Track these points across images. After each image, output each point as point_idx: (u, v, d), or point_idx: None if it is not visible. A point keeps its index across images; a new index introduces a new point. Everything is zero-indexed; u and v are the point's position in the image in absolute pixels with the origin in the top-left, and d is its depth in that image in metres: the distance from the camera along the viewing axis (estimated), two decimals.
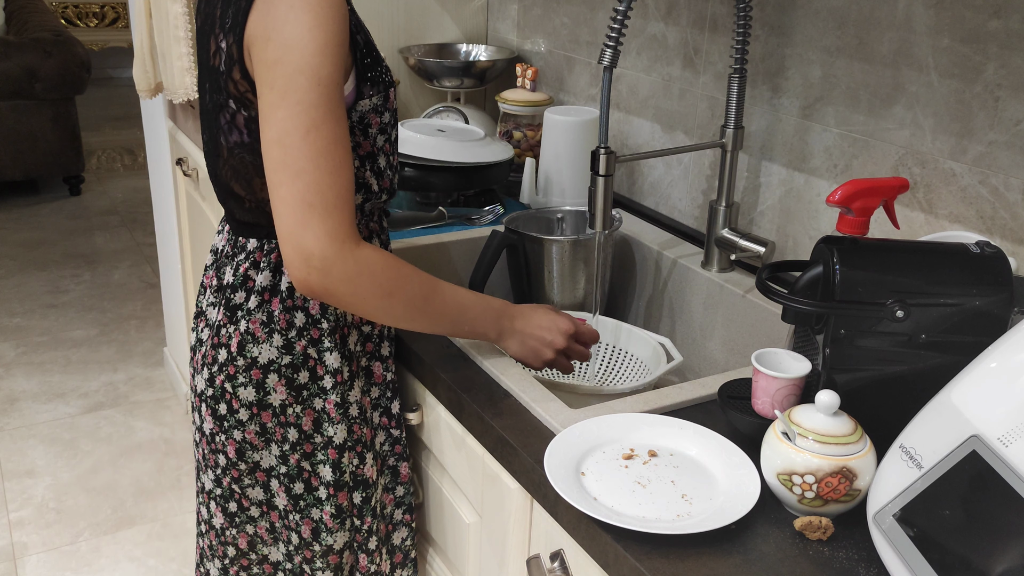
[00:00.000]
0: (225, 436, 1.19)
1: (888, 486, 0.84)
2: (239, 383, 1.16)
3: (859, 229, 1.13)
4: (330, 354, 1.16)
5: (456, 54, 2.11)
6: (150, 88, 2.33)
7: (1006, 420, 0.75)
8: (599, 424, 1.05)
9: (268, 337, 1.15)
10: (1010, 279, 0.95)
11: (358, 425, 1.20)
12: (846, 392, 0.95)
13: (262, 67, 1.02)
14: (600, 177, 1.27)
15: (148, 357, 3.20)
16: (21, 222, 4.34)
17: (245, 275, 1.16)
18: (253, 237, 1.16)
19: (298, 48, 0.99)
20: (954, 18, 1.16)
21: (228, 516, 1.25)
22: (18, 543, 2.31)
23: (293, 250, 1.01)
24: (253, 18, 1.02)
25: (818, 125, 1.37)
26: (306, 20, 0.99)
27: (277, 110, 1.00)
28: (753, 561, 0.86)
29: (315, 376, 1.16)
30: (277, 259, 1.15)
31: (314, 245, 1.00)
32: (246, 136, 1.10)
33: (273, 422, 1.17)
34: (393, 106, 1.17)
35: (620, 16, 1.18)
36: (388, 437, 1.26)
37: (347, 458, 1.20)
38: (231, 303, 1.17)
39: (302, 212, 1.00)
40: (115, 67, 6.92)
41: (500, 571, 1.14)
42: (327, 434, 1.18)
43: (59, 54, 4.28)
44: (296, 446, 1.18)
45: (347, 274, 1.02)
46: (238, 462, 1.20)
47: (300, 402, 1.17)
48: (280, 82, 1.00)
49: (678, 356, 1.33)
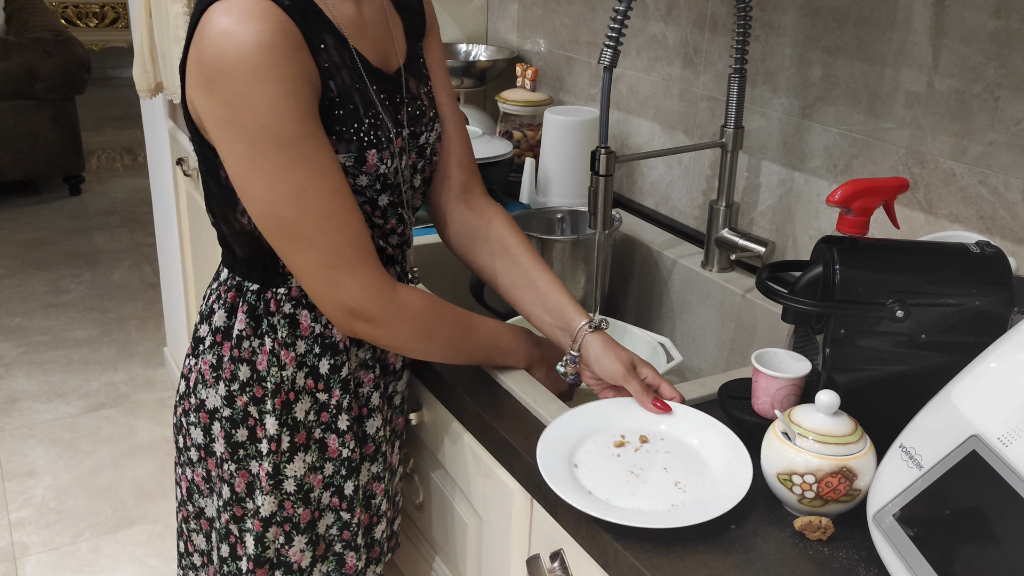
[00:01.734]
0: (181, 470, 1.15)
1: (888, 486, 0.84)
2: (191, 421, 1.10)
3: (859, 229, 1.13)
4: (269, 417, 1.05)
5: (456, 54, 2.11)
6: (150, 88, 2.33)
7: (1006, 420, 0.75)
8: (588, 411, 1.05)
9: (215, 383, 1.07)
10: (1010, 279, 0.95)
11: (291, 503, 1.08)
12: (846, 392, 0.95)
13: (212, 124, 0.92)
14: (600, 177, 1.27)
15: (149, 357, 3.21)
16: (21, 222, 4.34)
17: (211, 307, 1.09)
18: (224, 266, 1.09)
19: (245, 108, 0.88)
20: (954, 17, 1.16)
21: (179, 554, 1.20)
22: (18, 543, 2.31)
23: (333, 308, 0.99)
24: (191, 54, 0.92)
25: (818, 125, 1.37)
26: (244, 75, 0.87)
27: (253, 182, 0.92)
28: (753, 561, 0.86)
29: (254, 437, 1.06)
30: (233, 299, 1.06)
31: (352, 300, 0.98)
32: (202, 166, 1.03)
33: (216, 471, 1.09)
34: (374, 169, 1.01)
35: (620, 16, 1.18)
36: (336, 520, 1.12)
37: (272, 533, 1.09)
38: (196, 333, 1.10)
39: (328, 276, 0.97)
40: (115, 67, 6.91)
41: (500, 571, 1.14)
42: (256, 503, 1.07)
43: (59, 54, 4.28)
44: (228, 505, 1.09)
45: (388, 319, 1.01)
46: (187, 502, 1.15)
47: (235, 461, 1.07)
48: (242, 148, 0.90)
49: (678, 356, 1.32)
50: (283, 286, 1.05)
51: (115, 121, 5.99)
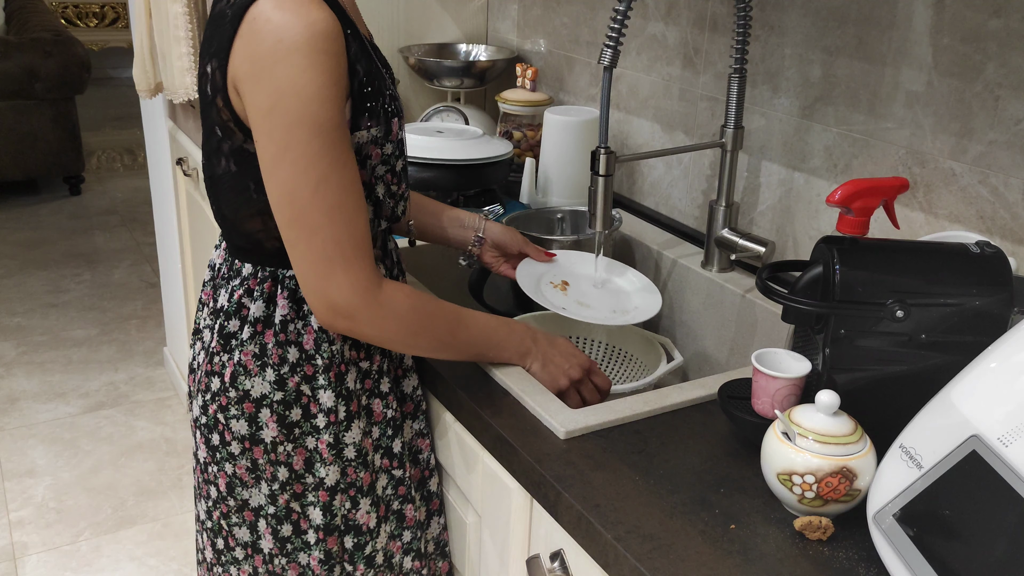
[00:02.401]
0: (217, 468, 1.15)
1: (888, 486, 0.84)
2: (231, 415, 1.12)
3: (859, 229, 1.13)
4: (324, 392, 1.10)
5: (456, 54, 2.11)
6: (150, 88, 2.33)
7: (1006, 420, 0.75)
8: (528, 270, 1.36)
9: (261, 371, 1.10)
10: (1010, 279, 0.95)
11: (353, 468, 1.14)
12: (846, 392, 0.95)
13: (256, 112, 0.96)
14: (600, 177, 1.27)
15: (149, 357, 3.21)
16: (21, 222, 4.35)
17: (239, 303, 1.11)
18: (248, 262, 1.11)
19: (292, 94, 0.93)
20: (954, 17, 1.16)
21: (216, 552, 1.20)
22: (18, 543, 2.31)
23: (318, 301, 1.02)
24: (237, 48, 0.96)
25: (818, 125, 1.37)
26: (297, 61, 0.92)
27: (281, 165, 0.97)
28: (753, 561, 0.86)
29: (308, 414, 1.11)
30: (271, 289, 1.10)
31: (338, 296, 1.01)
32: (232, 165, 1.06)
33: (264, 459, 1.12)
34: (398, 136, 1.10)
35: (620, 16, 1.18)
36: (390, 480, 1.19)
37: (339, 500, 1.14)
38: (224, 330, 1.12)
39: (323, 267, 1.00)
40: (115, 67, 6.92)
41: (500, 571, 1.14)
42: (319, 475, 1.12)
43: (59, 54, 4.28)
44: (286, 485, 1.12)
45: (372, 319, 1.04)
46: (227, 497, 1.16)
47: (291, 440, 1.11)
48: (278, 134, 0.95)
49: (678, 356, 1.33)
50: None
51: (115, 121, 5.99)
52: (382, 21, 2.05)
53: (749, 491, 0.96)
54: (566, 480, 0.97)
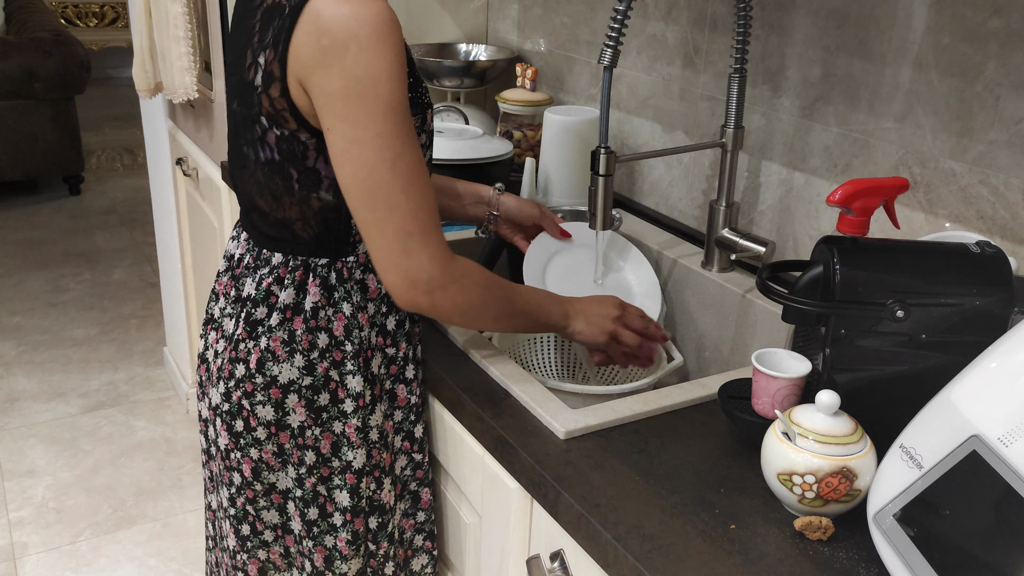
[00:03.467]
0: (241, 454, 1.16)
1: (888, 486, 0.84)
2: (257, 401, 1.14)
3: (859, 229, 1.13)
4: (352, 377, 1.14)
5: (456, 54, 2.11)
6: (150, 88, 2.33)
7: (1006, 420, 0.75)
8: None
9: (289, 357, 1.12)
10: (1010, 279, 0.95)
11: (377, 450, 1.17)
12: (846, 392, 0.95)
13: (327, 98, 1.00)
14: (600, 177, 1.27)
15: (148, 356, 3.21)
16: (21, 222, 4.35)
17: (268, 290, 1.13)
18: (278, 251, 1.13)
19: (368, 78, 0.98)
20: (954, 17, 1.16)
21: (240, 539, 1.22)
22: (18, 543, 2.31)
23: (400, 278, 1.04)
24: (299, 40, 0.99)
25: (818, 125, 1.37)
26: (373, 49, 0.97)
27: (357, 145, 1.00)
28: (753, 561, 0.86)
29: (336, 399, 1.14)
30: (302, 277, 1.12)
31: (420, 271, 1.04)
32: (276, 155, 1.08)
33: (291, 443, 1.15)
34: (430, 127, 1.15)
35: (620, 16, 1.18)
36: (410, 462, 1.23)
37: (365, 483, 1.17)
38: (251, 318, 1.14)
39: (403, 242, 1.03)
40: (115, 67, 6.92)
41: (500, 571, 1.14)
42: (346, 458, 1.15)
43: (59, 54, 4.28)
44: (313, 469, 1.15)
45: (452, 291, 1.07)
46: (253, 482, 1.17)
47: (319, 424, 1.14)
48: (353, 115, 0.99)
49: (678, 356, 1.33)
50: (352, 255, 1.14)
51: (115, 121, 5.99)
52: None
53: (749, 491, 0.96)
54: (566, 480, 0.97)
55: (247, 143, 1.10)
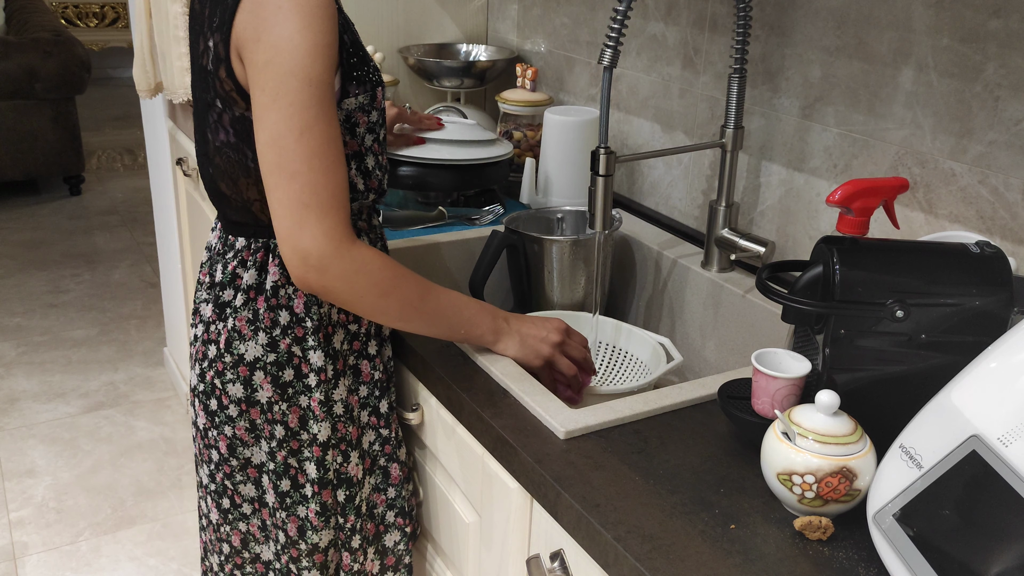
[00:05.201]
0: (216, 432, 1.20)
1: (888, 486, 0.84)
2: (227, 379, 1.17)
3: (859, 229, 1.13)
4: (314, 352, 1.16)
5: (456, 54, 2.11)
6: (150, 88, 2.33)
7: (1006, 420, 0.75)
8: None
9: (254, 335, 1.16)
10: (1010, 279, 0.95)
11: (342, 423, 1.20)
12: (846, 392, 0.95)
13: (253, 69, 1.02)
14: (600, 177, 1.27)
15: (148, 357, 3.21)
16: (21, 222, 4.35)
17: (233, 273, 1.17)
18: (241, 236, 1.17)
19: (288, 50, 1.00)
20: (954, 17, 1.16)
21: (222, 512, 1.26)
22: (18, 543, 2.31)
23: (291, 250, 1.04)
24: (240, 18, 1.03)
25: (818, 125, 1.37)
26: (295, 21, 1.00)
27: (270, 112, 1.01)
28: (753, 561, 0.86)
29: (300, 374, 1.17)
30: (263, 258, 1.16)
31: (311, 245, 1.03)
32: (232, 136, 1.11)
33: (261, 419, 1.18)
34: (381, 105, 1.17)
35: (620, 16, 1.18)
36: (377, 437, 1.26)
37: (331, 456, 1.20)
38: (220, 300, 1.18)
39: (298, 213, 1.02)
40: (115, 67, 6.92)
41: (500, 571, 1.14)
42: (312, 431, 1.18)
43: (59, 54, 4.28)
44: (283, 443, 1.18)
45: (344, 272, 1.05)
46: (229, 458, 1.21)
47: (286, 399, 1.17)
48: (271, 84, 1.01)
49: (678, 356, 1.33)
50: None
51: (115, 121, 5.99)
52: (382, 21, 2.05)
53: (749, 491, 0.96)
54: (566, 480, 0.97)
55: (208, 128, 1.13)
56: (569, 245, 1.48)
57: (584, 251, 1.49)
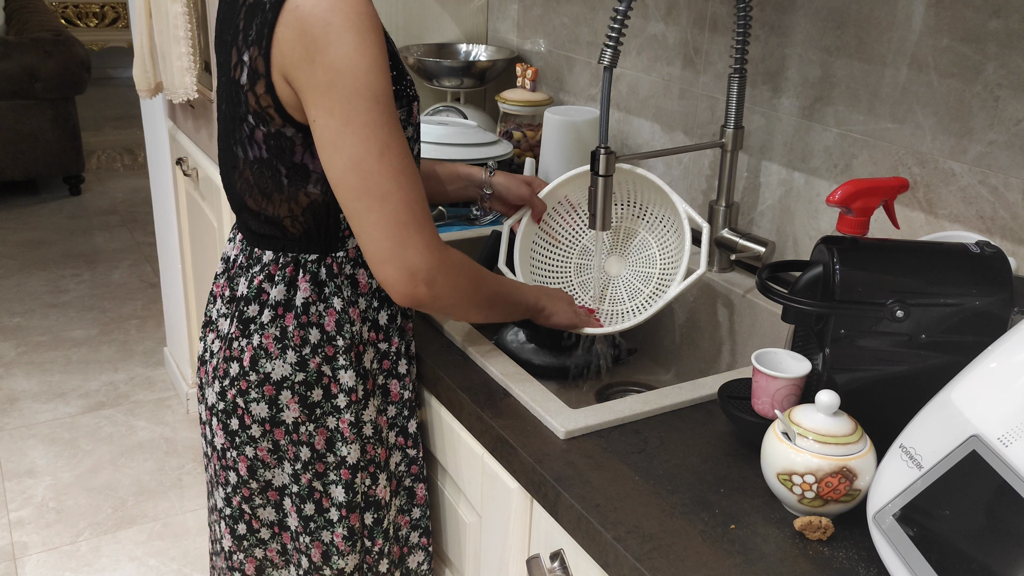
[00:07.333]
0: (236, 452, 1.17)
1: (888, 486, 0.84)
2: (251, 398, 1.14)
3: (859, 229, 1.13)
4: (345, 372, 1.13)
5: (456, 54, 2.11)
6: (150, 88, 2.33)
7: (1006, 420, 0.75)
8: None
9: (282, 353, 1.12)
10: (1010, 279, 0.95)
11: (372, 445, 1.18)
12: (846, 392, 0.95)
13: (312, 92, 1.00)
14: (600, 177, 1.27)
15: (149, 357, 3.21)
16: (21, 222, 4.35)
17: (259, 288, 1.13)
18: (269, 249, 1.13)
19: (349, 70, 0.98)
20: (954, 18, 1.16)
21: (236, 539, 1.22)
22: (18, 543, 2.31)
23: (396, 269, 1.03)
24: (281, 34, 0.99)
25: (818, 125, 1.37)
26: (350, 39, 0.98)
27: (344, 137, 1.00)
28: (753, 561, 0.86)
29: (329, 394, 1.14)
30: (292, 273, 1.12)
31: (418, 260, 1.03)
32: (264, 152, 1.08)
33: (286, 440, 1.15)
34: (416, 120, 1.15)
35: (620, 16, 1.18)
36: (404, 457, 1.23)
37: (360, 478, 1.17)
38: (244, 316, 1.14)
39: (399, 232, 1.02)
40: (115, 67, 6.92)
41: (500, 571, 1.14)
42: (340, 454, 1.15)
43: (59, 54, 4.28)
44: (308, 465, 1.15)
45: (448, 279, 1.06)
46: (249, 480, 1.17)
47: (313, 420, 1.14)
48: (339, 107, 0.99)
49: (704, 223, 1.34)
50: (342, 250, 1.13)
51: (115, 121, 5.99)
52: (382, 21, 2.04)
53: (749, 491, 0.96)
54: (566, 480, 0.97)
55: (236, 142, 1.10)
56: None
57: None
